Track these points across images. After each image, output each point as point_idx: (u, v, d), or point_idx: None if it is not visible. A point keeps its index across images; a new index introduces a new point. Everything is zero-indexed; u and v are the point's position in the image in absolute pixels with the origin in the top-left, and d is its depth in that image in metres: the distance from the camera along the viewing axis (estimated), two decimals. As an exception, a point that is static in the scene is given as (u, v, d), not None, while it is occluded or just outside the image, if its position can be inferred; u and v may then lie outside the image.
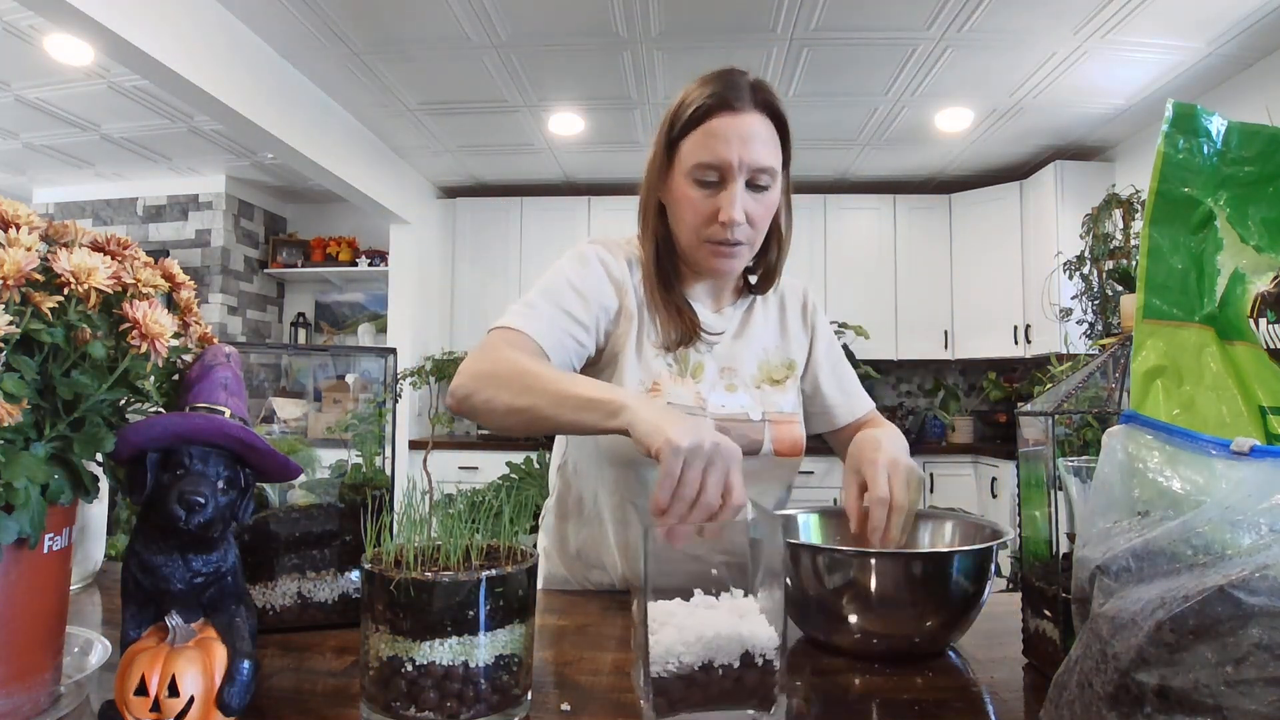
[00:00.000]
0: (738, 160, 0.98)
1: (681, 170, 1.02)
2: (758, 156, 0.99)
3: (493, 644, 0.57)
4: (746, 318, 1.17)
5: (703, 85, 1.02)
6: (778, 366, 1.16)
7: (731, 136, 0.98)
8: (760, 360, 1.15)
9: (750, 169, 0.99)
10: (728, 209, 0.99)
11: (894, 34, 3.11)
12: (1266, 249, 0.56)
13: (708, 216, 1.01)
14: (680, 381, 1.07)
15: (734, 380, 1.11)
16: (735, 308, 1.16)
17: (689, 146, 1.01)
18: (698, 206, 1.01)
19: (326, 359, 0.99)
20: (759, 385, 1.13)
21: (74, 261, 0.54)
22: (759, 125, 1.00)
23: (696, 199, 1.01)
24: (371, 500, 0.84)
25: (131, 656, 0.55)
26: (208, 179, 4.96)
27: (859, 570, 0.74)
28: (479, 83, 3.62)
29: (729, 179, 0.99)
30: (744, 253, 1.05)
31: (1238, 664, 0.39)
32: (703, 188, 1.00)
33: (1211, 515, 0.43)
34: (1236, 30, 2.96)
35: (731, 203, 0.99)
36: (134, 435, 0.58)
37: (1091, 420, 0.74)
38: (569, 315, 1.01)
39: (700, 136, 1.00)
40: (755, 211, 1.01)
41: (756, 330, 1.16)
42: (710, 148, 0.99)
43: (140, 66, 2.70)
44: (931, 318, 4.92)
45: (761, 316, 1.18)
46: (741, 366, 1.12)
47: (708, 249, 1.03)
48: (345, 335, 5.59)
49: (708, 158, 0.99)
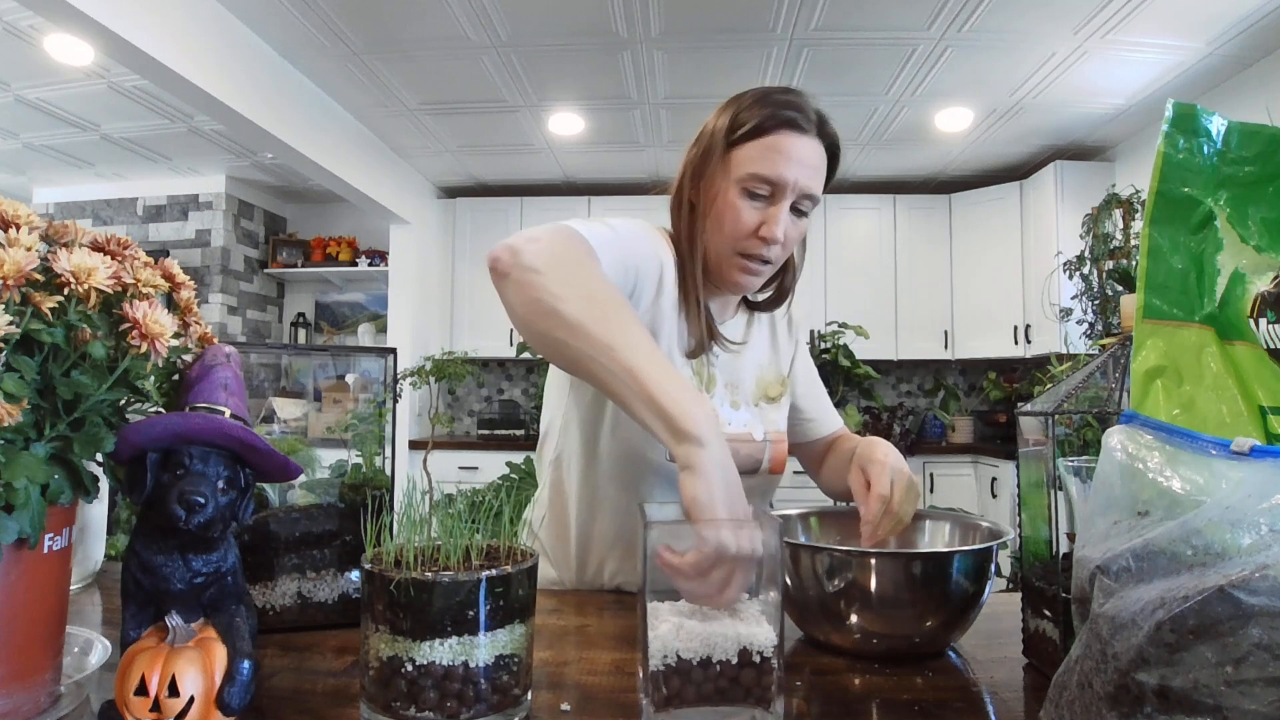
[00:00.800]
0: (793, 181, 0.97)
1: (732, 176, 1.00)
2: (810, 183, 0.99)
3: (493, 644, 0.57)
4: (746, 332, 1.16)
5: (767, 97, 1.01)
6: (772, 383, 1.16)
7: (793, 156, 0.98)
8: (757, 376, 1.15)
9: (800, 193, 0.99)
10: (773, 226, 0.98)
11: (894, 34, 3.11)
12: (1266, 249, 0.56)
13: (749, 229, 0.99)
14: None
15: (736, 396, 1.11)
16: (736, 322, 1.16)
17: (746, 155, 0.99)
18: (742, 216, 0.99)
19: (326, 359, 0.99)
20: (757, 403, 1.13)
21: (74, 261, 0.54)
22: (817, 152, 1.00)
23: (742, 209, 0.99)
24: (371, 500, 0.84)
25: (131, 656, 0.55)
26: (208, 179, 4.96)
27: (859, 570, 0.74)
28: (479, 83, 3.62)
29: (779, 197, 0.99)
30: (767, 272, 1.05)
31: (1238, 664, 0.39)
32: (751, 199, 0.99)
33: (1211, 515, 0.43)
34: (1236, 30, 2.96)
35: (777, 220, 0.98)
36: (134, 435, 0.58)
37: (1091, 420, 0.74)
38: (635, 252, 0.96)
39: (760, 148, 0.98)
40: (791, 235, 1.01)
41: (753, 346, 1.16)
42: (771, 161, 0.98)
43: (140, 66, 2.70)
44: (931, 318, 4.92)
45: (757, 332, 1.18)
46: (742, 382, 1.12)
47: (738, 262, 1.02)
48: (345, 335, 5.59)
49: (766, 170, 0.97)
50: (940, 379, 5.22)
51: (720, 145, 1.01)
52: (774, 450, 1.09)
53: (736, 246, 1.01)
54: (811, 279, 4.93)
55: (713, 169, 1.02)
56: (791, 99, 1.01)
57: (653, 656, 0.57)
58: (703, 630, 0.58)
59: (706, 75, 3.52)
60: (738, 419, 1.09)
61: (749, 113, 1.00)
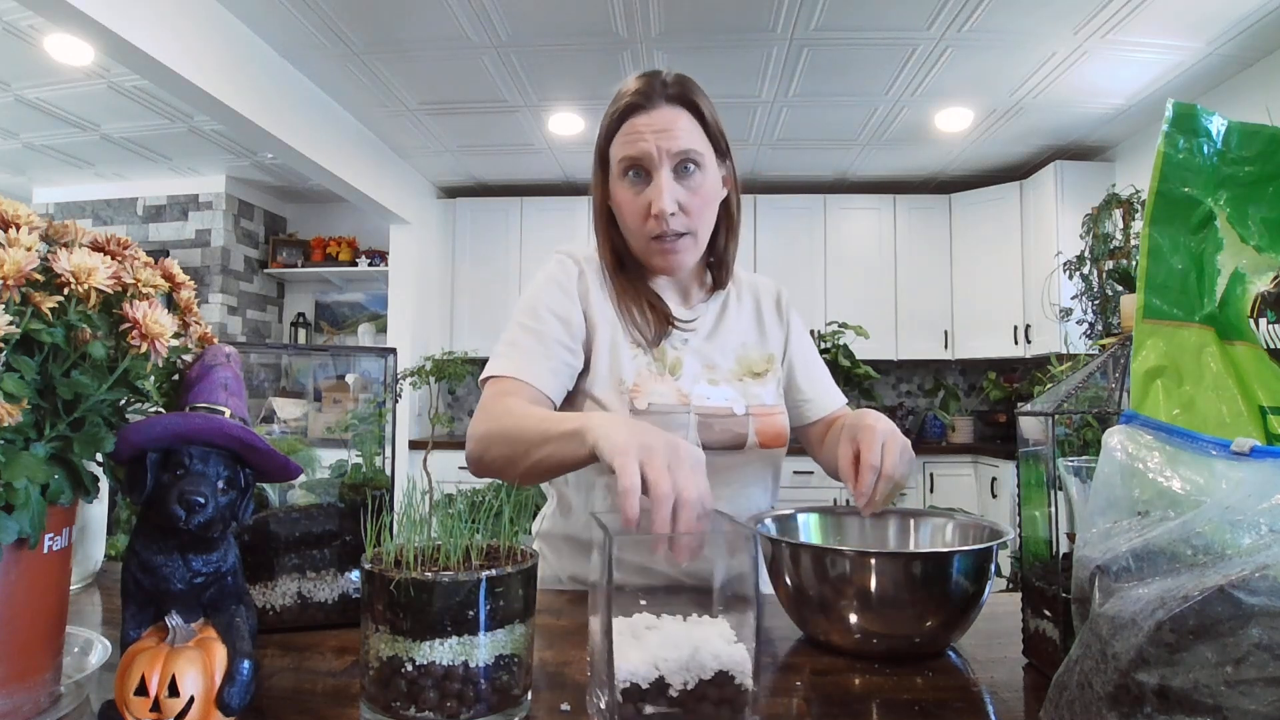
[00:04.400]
0: (656, 150, 1.02)
1: (615, 174, 1.08)
2: (675, 143, 1.03)
3: (493, 644, 0.57)
4: (721, 313, 1.19)
5: (615, 97, 1.08)
6: (757, 360, 1.17)
7: (646, 131, 1.03)
8: (739, 354, 1.16)
9: (672, 156, 1.03)
10: (658, 200, 1.02)
11: (894, 34, 3.11)
12: (1266, 249, 0.56)
13: (644, 213, 1.05)
14: (661, 379, 1.09)
15: (715, 375, 1.13)
16: (707, 304, 1.19)
17: (614, 149, 1.07)
18: (633, 205, 1.06)
19: (326, 359, 0.99)
20: (740, 379, 1.14)
21: (74, 261, 0.54)
22: (673, 116, 1.04)
23: (630, 197, 1.06)
24: (371, 500, 0.84)
25: (131, 656, 0.55)
26: (208, 179, 4.96)
27: (859, 570, 0.74)
28: (479, 83, 3.62)
29: (654, 170, 1.03)
30: (689, 244, 1.07)
31: (1238, 664, 0.39)
32: (633, 185, 1.05)
33: (1211, 515, 0.43)
34: (1236, 30, 2.96)
35: (660, 193, 1.02)
36: (134, 435, 0.58)
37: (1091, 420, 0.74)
38: (554, 341, 1.05)
39: (621, 138, 1.06)
40: (688, 200, 1.04)
41: (732, 325, 1.18)
42: (631, 143, 1.04)
43: (140, 66, 2.70)
44: (931, 318, 4.92)
45: (736, 312, 1.21)
46: (721, 361, 1.14)
47: (654, 247, 1.07)
48: (345, 335, 5.59)
49: (630, 152, 1.04)
50: (940, 379, 5.22)
51: (600, 154, 1.11)
52: (760, 424, 1.11)
53: (644, 233, 1.06)
54: (811, 279, 4.94)
55: (606, 178, 1.10)
56: (638, 82, 1.07)
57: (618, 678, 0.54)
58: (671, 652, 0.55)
59: (706, 75, 3.51)
60: (717, 394, 1.11)
61: (605, 118, 1.09)
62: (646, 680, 0.55)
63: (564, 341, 1.06)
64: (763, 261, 4.87)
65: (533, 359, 1.03)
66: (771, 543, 0.81)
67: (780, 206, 4.97)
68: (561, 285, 1.10)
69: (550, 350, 1.05)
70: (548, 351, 1.04)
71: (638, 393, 1.06)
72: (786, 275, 4.71)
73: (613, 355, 1.08)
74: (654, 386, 1.07)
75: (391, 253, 4.93)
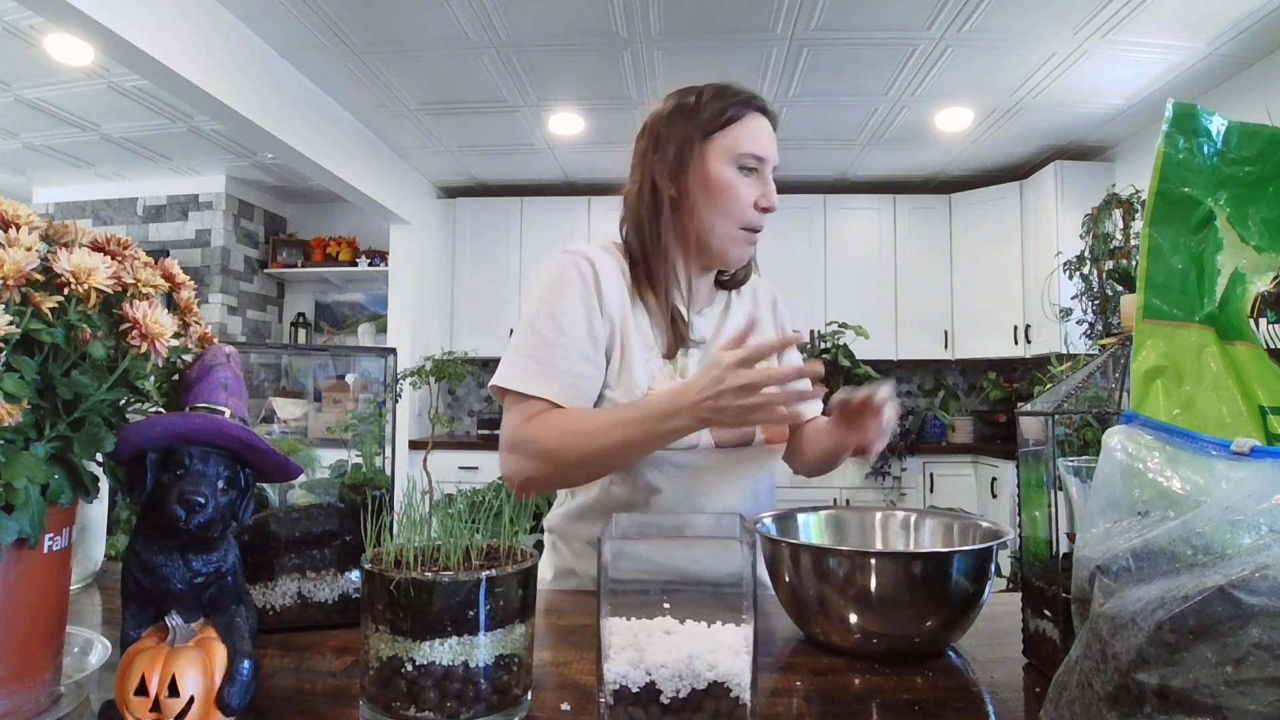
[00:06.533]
0: (772, 153, 1.11)
1: (722, 160, 1.09)
2: (776, 155, 1.12)
3: (493, 644, 0.57)
4: (724, 317, 1.21)
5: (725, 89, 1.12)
6: None
7: (767, 133, 1.12)
8: None
9: (774, 168, 1.12)
10: (771, 196, 1.11)
11: (894, 34, 3.11)
12: (1266, 249, 0.56)
13: (749, 202, 1.09)
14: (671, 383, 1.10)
15: None
16: (713, 308, 1.22)
17: (733, 138, 1.09)
18: (742, 193, 1.09)
19: (326, 359, 0.99)
20: None
21: (74, 261, 0.54)
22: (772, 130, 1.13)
23: (741, 186, 1.09)
24: (371, 500, 0.84)
25: (131, 656, 0.55)
26: (208, 179, 4.96)
27: (859, 570, 0.74)
28: (479, 83, 3.62)
29: (764, 170, 1.11)
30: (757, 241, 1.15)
31: (1238, 664, 0.39)
32: (743, 175, 1.09)
33: (1211, 515, 0.43)
34: (1236, 30, 2.96)
35: (772, 190, 1.11)
36: (134, 435, 0.58)
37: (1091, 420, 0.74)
38: (579, 357, 1.04)
39: (744, 130, 1.10)
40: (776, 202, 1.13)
41: (733, 325, 1.20)
42: (756, 140, 1.09)
43: (140, 66, 2.70)
44: (931, 318, 4.92)
45: (737, 311, 1.23)
46: None
47: (743, 235, 1.11)
48: (345, 335, 5.59)
49: (754, 148, 1.09)
50: (940, 379, 5.21)
51: (695, 137, 1.10)
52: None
53: (741, 221, 1.10)
54: (811, 279, 4.94)
55: (694, 160, 1.10)
56: (745, 90, 1.13)
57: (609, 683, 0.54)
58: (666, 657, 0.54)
59: (706, 75, 3.49)
60: None
61: (719, 104, 1.10)
62: (636, 685, 0.54)
63: (589, 355, 1.05)
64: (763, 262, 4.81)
65: (561, 378, 1.02)
66: (771, 543, 0.81)
67: (780, 206, 4.93)
68: (580, 292, 1.07)
69: (576, 366, 1.03)
70: (574, 368, 1.03)
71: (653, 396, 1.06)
72: (786, 275, 4.71)
73: (626, 356, 1.09)
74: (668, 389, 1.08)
75: (391, 253, 4.93)
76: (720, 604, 0.58)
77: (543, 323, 1.05)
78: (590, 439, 0.96)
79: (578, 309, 1.05)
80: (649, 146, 1.13)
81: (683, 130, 1.10)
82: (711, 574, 0.58)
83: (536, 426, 0.99)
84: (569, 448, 0.97)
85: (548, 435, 0.98)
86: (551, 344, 1.03)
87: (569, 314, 1.05)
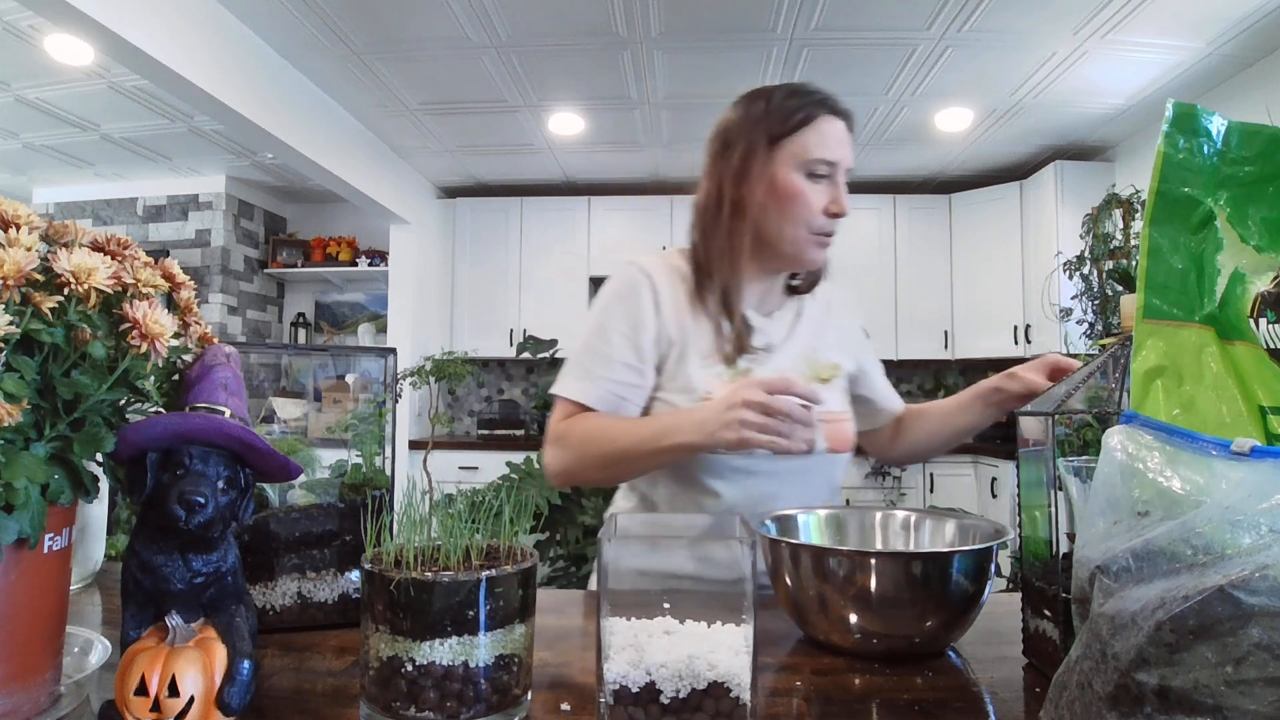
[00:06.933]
0: (845, 158, 1.09)
1: (790, 165, 1.07)
2: (851, 159, 1.10)
3: (493, 644, 0.57)
4: (796, 322, 1.20)
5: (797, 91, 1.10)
6: (825, 366, 1.18)
7: (839, 137, 1.09)
8: (810, 359, 1.18)
9: (847, 171, 1.09)
10: (842, 201, 1.08)
11: (894, 34, 3.11)
12: (1266, 249, 0.56)
13: (819, 208, 1.08)
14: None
15: None
16: (784, 311, 1.20)
17: (802, 143, 1.07)
18: (811, 199, 1.07)
19: (326, 359, 0.99)
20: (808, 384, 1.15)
21: (74, 261, 0.54)
22: (849, 135, 1.11)
23: (810, 192, 1.07)
24: (371, 500, 0.84)
25: (131, 656, 0.55)
26: (208, 179, 4.96)
27: (858, 570, 0.74)
28: (479, 83, 3.62)
29: (836, 175, 1.08)
30: (830, 245, 1.13)
31: (1238, 664, 0.39)
32: (813, 181, 1.08)
33: (1211, 515, 0.43)
34: (1236, 30, 2.96)
35: (844, 196, 1.09)
36: (134, 435, 0.58)
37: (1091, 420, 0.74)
38: (623, 366, 1.09)
39: (814, 134, 1.07)
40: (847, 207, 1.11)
41: (804, 331, 1.20)
42: (827, 145, 1.07)
43: (140, 66, 2.70)
44: (931, 318, 4.92)
45: (809, 318, 1.22)
46: (792, 366, 1.15)
47: (814, 240, 1.10)
48: (345, 335, 5.59)
49: (825, 154, 1.07)
50: (940, 379, 5.21)
51: (763, 143, 1.08)
52: (827, 430, 1.12)
53: (810, 227, 1.09)
54: (811, 279, 4.93)
55: (761, 166, 1.08)
56: (818, 91, 1.10)
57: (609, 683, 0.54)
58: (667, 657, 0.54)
59: (706, 75, 3.52)
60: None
61: (786, 108, 1.08)
62: (636, 685, 0.54)
63: (632, 364, 1.09)
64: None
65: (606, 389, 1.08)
66: (771, 543, 0.81)
67: (780, 206, 4.97)
68: (631, 305, 1.11)
69: (616, 374, 1.09)
70: (614, 375, 1.09)
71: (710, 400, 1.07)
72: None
73: (683, 361, 1.10)
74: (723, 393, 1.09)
75: (391, 253, 4.93)
76: (720, 604, 0.58)
77: (592, 332, 1.11)
78: (609, 444, 1.03)
79: (624, 321, 1.10)
80: (718, 152, 1.13)
81: (750, 136, 1.09)
82: (711, 574, 0.58)
83: (569, 425, 1.07)
84: (591, 449, 1.04)
85: (575, 435, 1.06)
86: (596, 352, 1.10)
87: (615, 326, 1.10)
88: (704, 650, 0.55)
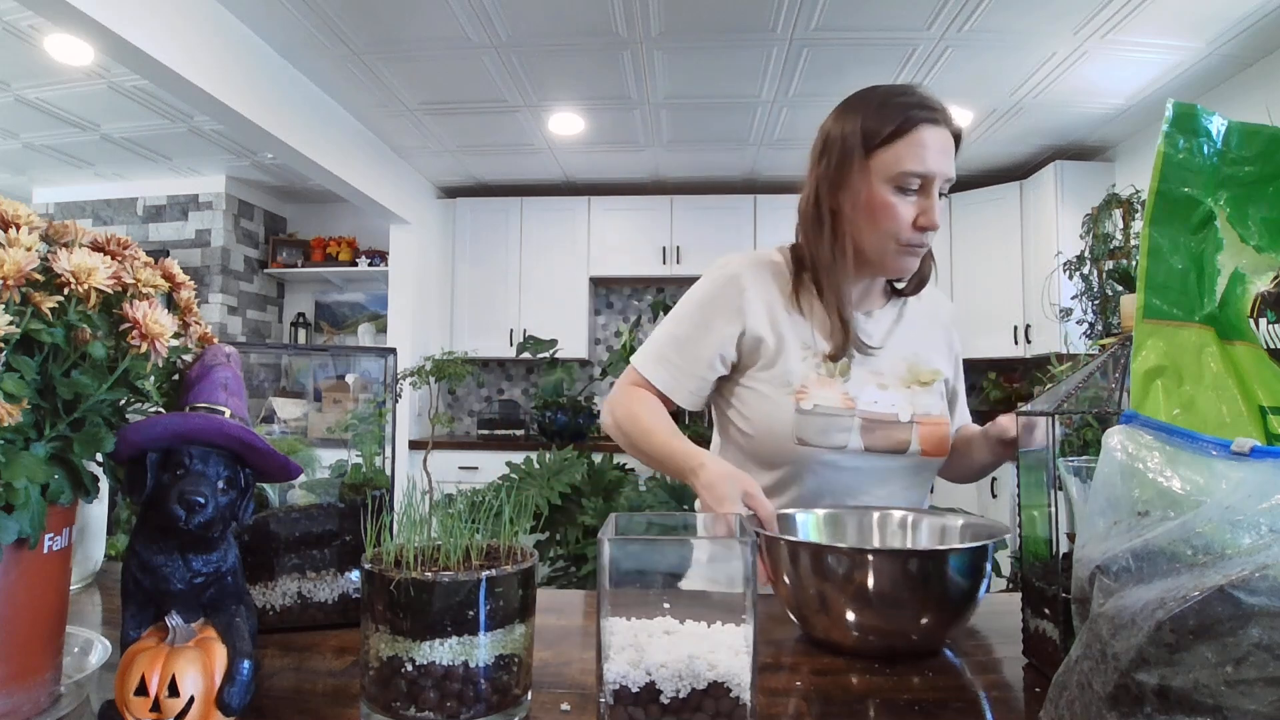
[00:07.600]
0: (939, 171, 1.06)
1: (880, 177, 1.07)
2: (949, 169, 1.08)
3: (493, 644, 0.57)
4: (897, 319, 1.21)
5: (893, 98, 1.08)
6: (925, 370, 1.19)
7: (934, 147, 1.05)
8: (910, 362, 1.18)
9: (943, 181, 1.07)
10: (932, 215, 1.07)
11: (894, 34, 3.11)
12: (1266, 249, 0.56)
13: (907, 223, 1.07)
14: (828, 383, 1.11)
15: (884, 380, 1.15)
16: (885, 310, 1.22)
17: (893, 155, 1.06)
18: (899, 213, 1.07)
19: (326, 359, 0.99)
20: (908, 385, 1.16)
21: (74, 261, 0.54)
22: (949, 139, 1.08)
23: (898, 205, 1.07)
24: (371, 500, 0.84)
25: (131, 656, 0.55)
26: (208, 179, 4.96)
27: (856, 567, 0.74)
28: (479, 83, 3.62)
29: (929, 187, 1.06)
30: (924, 253, 1.14)
31: (1238, 664, 0.39)
32: (904, 194, 1.07)
33: (1211, 515, 0.43)
34: (1236, 30, 2.96)
35: (935, 210, 1.07)
36: (134, 435, 0.58)
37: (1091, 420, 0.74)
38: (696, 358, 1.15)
39: (906, 146, 1.05)
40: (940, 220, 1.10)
41: (906, 333, 1.21)
42: (919, 157, 1.05)
43: (140, 66, 2.70)
44: (931, 318, 4.91)
45: (912, 320, 1.23)
46: (890, 367, 1.16)
47: (903, 250, 1.10)
48: (345, 335, 5.59)
49: (916, 167, 1.05)
50: (940, 379, 5.21)
51: (857, 152, 1.08)
52: (923, 431, 1.13)
53: (901, 237, 1.08)
54: (811, 279, 4.93)
55: (853, 176, 1.09)
56: (918, 97, 1.08)
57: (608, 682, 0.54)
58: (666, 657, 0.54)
59: (706, 75, 3.52)
60: (885, 399, 1.13)
61: (882, 116, 1.06)
62: (636, 685, 0.54)
63: (703, 356, 1.15)
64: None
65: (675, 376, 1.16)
66: (770, 541, 0.81)
67: (780, 206, 4.97)
68: (715, 301, 1.16)
69: (687, 363, 1.16)
70: (683, 363, 1.16)
71: (804, 395, 1.09)
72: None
73: (782, 353, 1.11)
74: (821, 390, 1.11)
75: (391, 253, 4.93)
76: (720, 604, 0.58)
77: (674, 317, 1.19)
78: (643, 438, 1.12)
79: (704, 315, 1.16)
80: (818, 157, 1.14)
81: (846, 144, 1.09)
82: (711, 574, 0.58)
83: (630, 396, 1.17)
84: (630, 429, 1.14)
85: (623, 408, 1.16)
86: (673, 337, 1.17)
87: (694, 318, 1.17)
88: (704, 650, 0.55)
